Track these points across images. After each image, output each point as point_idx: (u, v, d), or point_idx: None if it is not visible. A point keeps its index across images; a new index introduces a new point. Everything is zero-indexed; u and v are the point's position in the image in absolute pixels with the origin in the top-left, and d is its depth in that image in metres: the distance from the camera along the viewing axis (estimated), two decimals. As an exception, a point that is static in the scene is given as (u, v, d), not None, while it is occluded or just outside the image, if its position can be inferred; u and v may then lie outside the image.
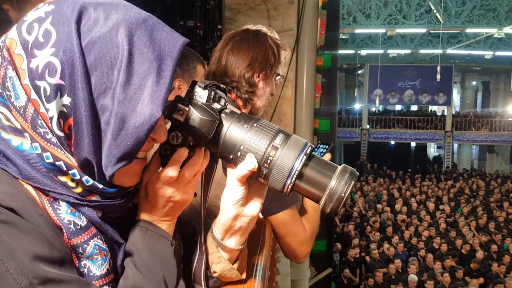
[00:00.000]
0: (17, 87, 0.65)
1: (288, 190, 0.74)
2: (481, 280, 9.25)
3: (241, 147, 0.74)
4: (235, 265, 0.89)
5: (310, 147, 0.73)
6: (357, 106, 24.21)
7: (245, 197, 0.81)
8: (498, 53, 18.25)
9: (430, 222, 12.83)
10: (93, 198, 0.71)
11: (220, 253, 0.87)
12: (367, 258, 10.31)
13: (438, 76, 14.85)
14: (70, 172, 0.67)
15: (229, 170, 0.79)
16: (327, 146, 1.82)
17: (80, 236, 0.69)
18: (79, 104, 0.63)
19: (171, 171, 0.73)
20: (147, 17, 0.67)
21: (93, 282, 0.70)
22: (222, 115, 0.76)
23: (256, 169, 0.73)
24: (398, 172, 20.77)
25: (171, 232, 0.79)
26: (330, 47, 5.21)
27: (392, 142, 24.01)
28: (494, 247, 10.55)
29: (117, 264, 0.76)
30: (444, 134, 22.79)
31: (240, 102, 1.48)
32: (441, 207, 14.60)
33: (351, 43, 18.66)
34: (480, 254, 10.04)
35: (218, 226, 0.85)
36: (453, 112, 24.40)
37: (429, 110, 26.09)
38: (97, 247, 0.71)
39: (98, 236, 0.72)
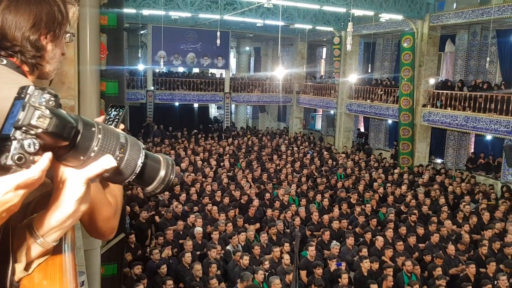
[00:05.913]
0: None
1: (129, 181, 0.85)
2: (258, 225, 10.51)
3: (95, 148, 0.77)
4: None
5: (143, 146, 0.86)
6: (141, 67, 23.78)
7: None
8: (267, 21, 20.20)
9: (213, 177, 13.83)
10: None
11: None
12: (157, 218, 10.57)
13: (218, 41, 15.68)
14: None
15: (69, 169, 0.80)
16: (121, 110, 1.54)
17: None
18: None
19: (38, 174, 0.68)
20: None
21: None
22: None
23: (115, 167, 0.80)
24: (184, 132, 21.58)
25: None
26: (114, 5, 4.94)
27: (177, 104, 24.62)
28: (267, 195, 12.06)
29: None
30: (224, 96, 24.48)
31: (26, 68, 1.30)
32: (222, 163, 15.84)
33: (132, 2, 18.00)
34: (256, 202, 11.35)
35: (45, 223, 0.82)
36: (231, 75, 26.31)
37: (210, 73, 27.51)
38: None
39: None
